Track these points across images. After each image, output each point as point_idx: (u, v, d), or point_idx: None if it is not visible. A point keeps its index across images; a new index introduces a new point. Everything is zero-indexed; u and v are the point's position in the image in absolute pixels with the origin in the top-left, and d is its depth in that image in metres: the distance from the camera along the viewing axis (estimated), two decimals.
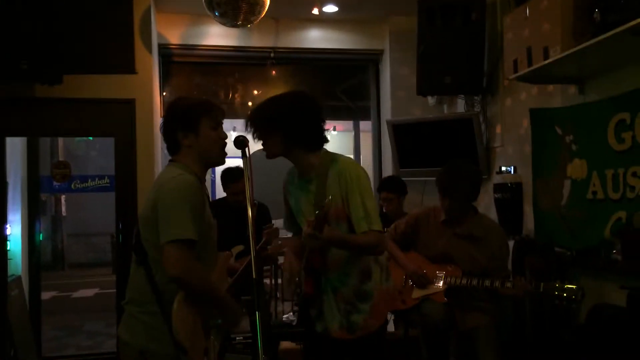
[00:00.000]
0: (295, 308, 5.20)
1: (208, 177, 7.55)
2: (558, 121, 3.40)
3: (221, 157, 2.22)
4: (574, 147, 3.26)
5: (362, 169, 2.41)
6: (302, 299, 2.50)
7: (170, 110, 2.21)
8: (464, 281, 3.06)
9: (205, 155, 2.17)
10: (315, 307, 2.43)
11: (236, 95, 6.64)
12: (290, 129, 2.31)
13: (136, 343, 2.05)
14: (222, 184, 4.19)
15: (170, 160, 2.21)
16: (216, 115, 2.20)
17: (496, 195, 3.90)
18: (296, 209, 2.47)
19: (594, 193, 3.07)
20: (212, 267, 2.20)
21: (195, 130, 2.14)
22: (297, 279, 2.45)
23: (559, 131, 3.39)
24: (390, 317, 3.48)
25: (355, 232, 2.29)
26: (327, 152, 2.41)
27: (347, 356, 2.42)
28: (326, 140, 2.41)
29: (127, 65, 4.27)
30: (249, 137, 2.28)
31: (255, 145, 2.41)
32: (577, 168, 3.22)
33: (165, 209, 1.99)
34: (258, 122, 2.36)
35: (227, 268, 2.42)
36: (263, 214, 4.02)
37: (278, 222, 5.07)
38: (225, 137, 2.21)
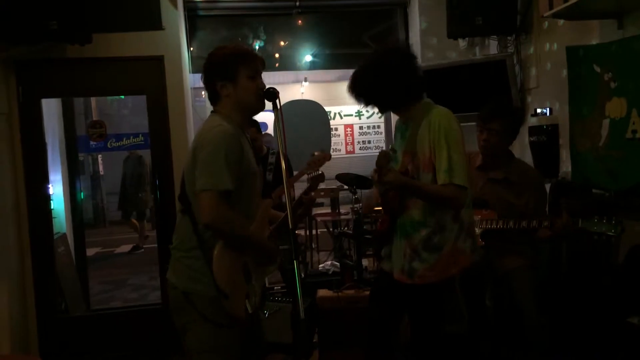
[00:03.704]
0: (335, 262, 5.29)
1: None
2: (596, 59, 3.28)
3: (259, 106, 2.24)
4: (612, 84, 3.15)
5: (456, 121, 2.43)
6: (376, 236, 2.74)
7: (208, 60, 2.24)
8: (500, 224, 3.05)
9: (243, 104, 2.20)
10: (387, 247, 2.57)
11: (263, 47, 6.59)
12: (379, 98, 2.51)
13: (181, 284, 2.17)
14: None
15: (212, 111, 2.26)
16: (255, 65, 2.21)
17: (531, 139, 3.83)
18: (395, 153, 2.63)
19: (634, 132, 2.98)
20: (253, 215, 2.25)
21: (233, 79, 2.17)
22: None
23: (597, 69, 3.27)
24: None
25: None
26: (428, 102, 2.54)
27: (405, 299, 2.52)
28: (421, 89, 2.54)
29: (154, 22, 4.26)
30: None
31: (285, 97, 2.42)
32: (616, 106, 3.12)
33: (202, 159, 2.06)
34: (356, 98, 2.54)
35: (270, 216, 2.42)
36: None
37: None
38: (263, 86, 2.22)
